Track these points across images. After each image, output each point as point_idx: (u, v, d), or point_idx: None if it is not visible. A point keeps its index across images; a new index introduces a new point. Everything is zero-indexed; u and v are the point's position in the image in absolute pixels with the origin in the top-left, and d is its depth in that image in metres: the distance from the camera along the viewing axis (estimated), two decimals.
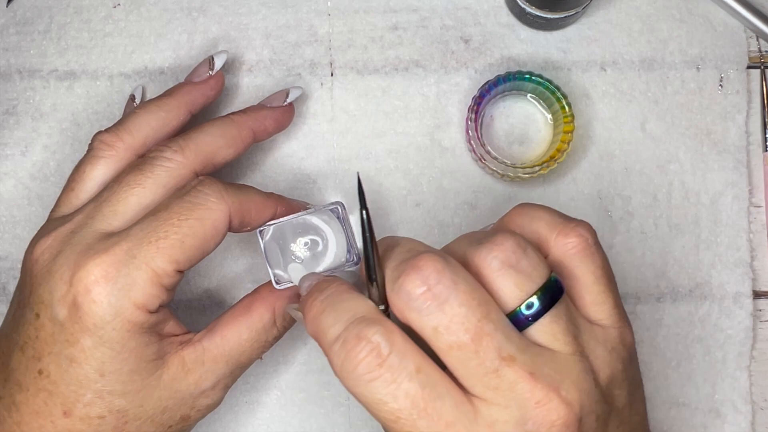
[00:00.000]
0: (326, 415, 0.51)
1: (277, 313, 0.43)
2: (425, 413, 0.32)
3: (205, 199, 0.40)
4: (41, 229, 0.42)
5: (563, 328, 0.34)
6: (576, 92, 0.51)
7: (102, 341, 0.38)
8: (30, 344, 0.39)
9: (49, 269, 0.39)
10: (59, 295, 0.38)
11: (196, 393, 0.41)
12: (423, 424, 0.32)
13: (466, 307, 0.32)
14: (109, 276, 0.38)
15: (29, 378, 0.39)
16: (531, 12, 0.49)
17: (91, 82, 0.52)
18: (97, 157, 0.43)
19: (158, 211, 0.40)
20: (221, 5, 0.52)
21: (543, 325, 0.34)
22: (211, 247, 0.40)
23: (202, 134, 0.43)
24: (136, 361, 0.39)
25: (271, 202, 0.43)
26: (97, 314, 0.38)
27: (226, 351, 0.42)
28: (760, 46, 0.51)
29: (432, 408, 0.32)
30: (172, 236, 0.39)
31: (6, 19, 0.53)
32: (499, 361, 0.32)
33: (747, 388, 0.50)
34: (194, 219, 0.39)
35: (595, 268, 0.36)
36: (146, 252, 0.38)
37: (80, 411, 0.39)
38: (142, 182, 0.41)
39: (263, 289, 0.44)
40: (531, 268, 0.34)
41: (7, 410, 0.39)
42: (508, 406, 0.33)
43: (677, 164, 0.51)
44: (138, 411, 0.40)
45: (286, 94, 0.49)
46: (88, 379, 0.38)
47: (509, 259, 0.34)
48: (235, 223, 0.41)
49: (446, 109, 0.51)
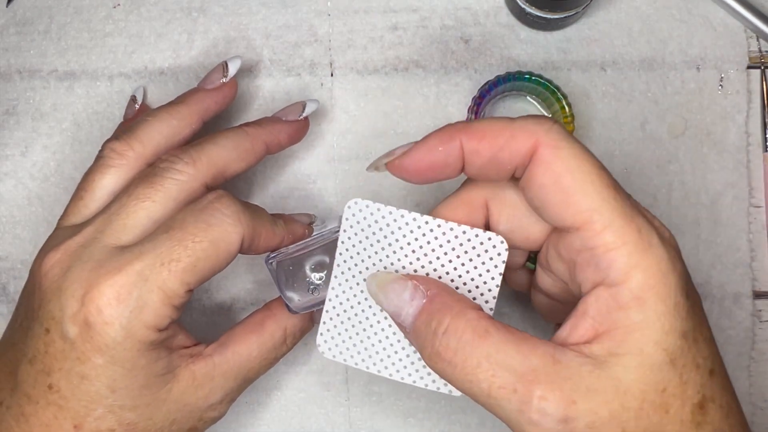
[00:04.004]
0: (326, 415, 0.51)
1: (288, 332, 0.44)
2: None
3: (221, 219, 0.39)
4: (49, 240, 0.42)
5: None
6: (576, 92, 0.51)
7: (113, 360, 0.38)
8: (39, 358, 0.39)
9: (59, 285, 0.39)
10: (70, 312, 0.38)
11: (204, 406, 0.42)
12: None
13: None
14: (121, 297, 0.38)
15: (39, 391, 0.39)
16: (531, 12, 0.49)
17: (91, 82, 0.52)
18: (106, 166, 0.42)
19: (172, 229, 0.39)
20: (221, 5, 0.52)
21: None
22: (223, 267, 0.40)
23: (215, 146, 0.43)
24: (146, 377, 0.39)
25: (279, 231, 0.43)
26: (109, 335, 0.38)
27: (236, 367, 0.42)
28: (760, 46, 0.51)
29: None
30: (185, 259, 0.38)
31: (6, 19, 0.53)
32: None
33: (746, 389, 0.50)
34: (208, 242, 0.39)
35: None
36: (158, 274, 0.38)
37: (91, 425, 0.39)
38: (152, 196, 0.40)
39: (275, 306, 0.44)
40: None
41: (15, 420, 0.39)
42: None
43: (677, 164, 0.51)
44: (147, 424, 0.40)
45: (303, 107, 0.48)
46: (99, 395, 0.38)
47: None
48: (244, 247, 0.41)
49: (446, 109, 0.51)
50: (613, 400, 0.32)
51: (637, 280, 0.33)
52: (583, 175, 0.34)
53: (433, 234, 0.37)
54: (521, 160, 0.35)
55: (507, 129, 0.35)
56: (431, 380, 0.38)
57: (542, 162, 0.34)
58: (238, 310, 0.51)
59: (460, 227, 0.37)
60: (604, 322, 0.33)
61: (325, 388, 0.51)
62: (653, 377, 0.32)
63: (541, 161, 0.34)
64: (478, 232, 0.37)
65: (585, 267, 0.34)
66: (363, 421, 0.51)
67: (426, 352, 0.35)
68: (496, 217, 0.38)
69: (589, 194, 0.34)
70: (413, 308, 0.36)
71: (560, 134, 0.35)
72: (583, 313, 0.34)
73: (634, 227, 0.33)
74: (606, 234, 0.33)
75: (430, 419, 0.51)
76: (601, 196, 0.34)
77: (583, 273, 0.34)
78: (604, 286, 0.33)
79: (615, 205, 0.33)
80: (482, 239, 0.37)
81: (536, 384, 0.32)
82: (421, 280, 0.36)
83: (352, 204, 0.38)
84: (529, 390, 0.32)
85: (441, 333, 0.34)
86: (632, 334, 0.33)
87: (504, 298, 0.51)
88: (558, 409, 0.32)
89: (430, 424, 0.51)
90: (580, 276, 0.35)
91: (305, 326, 0.45)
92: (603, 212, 0.33)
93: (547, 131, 0.35)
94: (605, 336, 0.33)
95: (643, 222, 0.34)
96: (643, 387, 0.32)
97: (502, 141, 0.35)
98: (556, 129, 0.35)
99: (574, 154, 0.34)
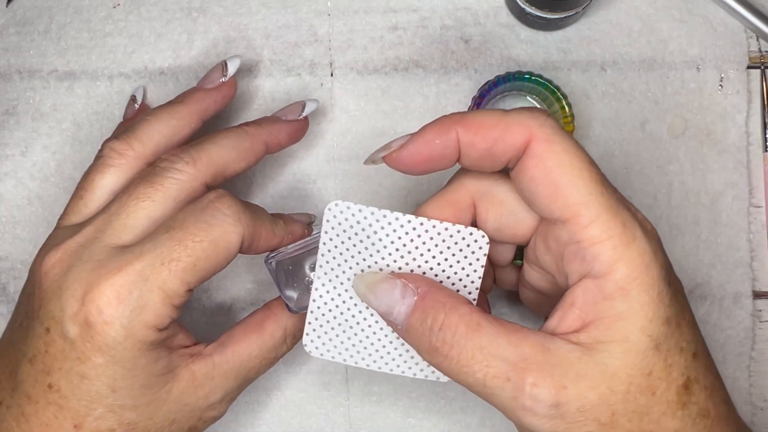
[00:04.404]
0: (326, 415, 0.51)
1: (288, 331, 0.44)
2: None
3: (222, 219, 0.39)
4: (49, 239, 0.42)
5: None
6: (576, 92, 0.51)
7: (114, 360, 0.38)
8: (39, 358, 0.39)
9: (59, 285, 0.39)
10: (71, 312, 0.38)
11: (204, 406, 0.42)
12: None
13: None
14: (121, 297, 0.38)
15: (39, 391, 0.39)
16: (531, 12, 0.49)
17: (91, 82, 0.52)
18: (106, 165, 0.42)
19: (172, 228, 0.39)
20: (221, 5, 0.52)
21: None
22: (223, 267, 0.40)
23: (215, 146, 0.43)
24: (146, 377, 0.39)
25: (279, 231, 0.43)
26: (110, 335, 0.38)
27: (236, 367, 0.42)
28: (760, 46, 0.51)
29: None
30: (185, 259, 0.38)
31: (6, 19, 0.53)
32: None
33: (746, 389, 0.50)
34: (209, 242, 0.39)
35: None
36: (159, 274, 0.38)
37: (91, 424, 0.39)
38: (152, 195, 0.40)
39: (275, 306, 0.44)
40: None
41: (16, 420, 0.39)
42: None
43: (677, 164, 0.51)
44: (147, 423, 0.40)
45: (302, 107, 0.48)
46: (100, 395, 0.38)
47: None
48: (244, 247, 0.41)
49: (446, 109, 0.51)
50: (600, 384, 0.33)
51: (621, 272, 0.34)
52: (573, 170, 0.35)
53: (416, 232, 0.38)
54: (515, 153, 0.36)
55: (501, 121, 0.36)
56: (419, 369, 0.39)
57: (535, 155, 0.35)
58: (238, 310, 0.51)
59: (442, 224, 0.38)
60: (591, 312, 0.34)
61: (325, 388, 0.51)
62: (639, 362, 0.34)
63: (533, 154, 0.35)
64: (460, 228, 0.38)
65: (572, 259, 0.35)
66: (363, 421, 0.51)
67: (423, 348, 0.36)
68: (484, 216, 0.39)
69: (578, 188, 0.35)
70: (405, 306, 0.37)
71: (553, 128, 0.35)
72: (571, 304, 0.35)
73: (619, 221, 0.34)
74: (592, 228, 0.34)
75: (430, 419, 0.51)
76: (588, 191, 0.35)
77: (570, 265, 0.35)
78: (590, 278, 0.35)
79: (602, 199, 0.35)
80: (464, 234, 0.38)
81: (528, 372, 0.34)
82: (410, 278, 0.37)
83: (332, 206, 0.38)
84: (521, 378, 0.34)
85: (437, 329, 0.35)
86: (617, 322, 0.34)
87: (504, 298, 0.51)
88: (549, 395, 0.33)
89: (430, 424, 0.51)
90: (567, 267, 0.36)
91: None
92: (590, 206, 0.34)
93: (540, 125, 0.35)
94: (591, 325, 0.34)
95: (628, 216, 0.35)
96: (629, 371, 0.34)
97: (497, 133, 0.36)
98: (549, 123, 0.36)
99: (566, 148, 0.35)
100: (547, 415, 0.33)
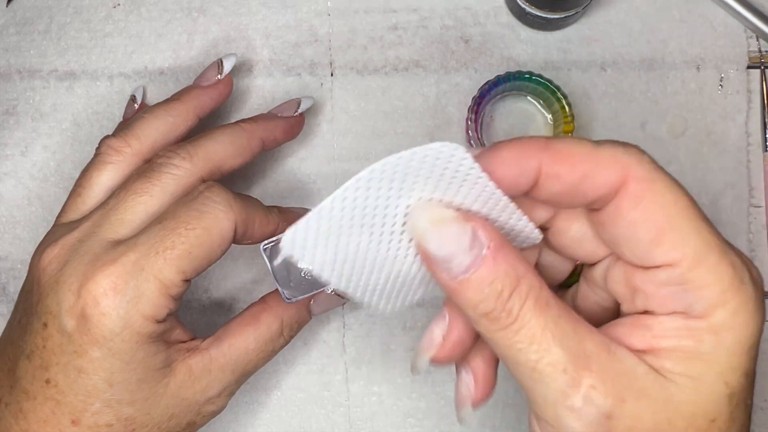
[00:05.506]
0: (326, 415, 0.51)
1: (284, 323, 0.44)
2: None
3: (213, 207, 0.40)
4: (48, 236, 0.42)
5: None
6: (576, 92, 0.51)
7: (111, 352, 0.38)
8: (37, 353, 0.39)
9: (56, 279, 0.39)
10: (67, 305, 0.38)
11: (202, 400, 0.42)
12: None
13: None
14: (117, 288, 0.38)
15: (36, 387, 0.39)
16: (531, 12, 0.49)
17: (91, 82, 0.52)
18: (104, 162, 0.43)
19: (165, 219, 0.39)
20: (221, 5, 0.52)
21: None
22: (218, 256, 0.40)
23: (211, 142, 0.43)
24: (144, 371, 0.39)
25: (273, 218, 0.43)
26: (106, 326, 0.38)
27: (233, 360, 0.42)
28: (760, 46, 0.51)
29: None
30: (179, 246, 0.38)
31: (6, 19, 0.53)
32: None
33: None
34: (201, 228, 0.39)
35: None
36: (154, 263, 0.38)
37: (88, 420, 0.39)
38: (149, 190, 0.40)
39: (271, 299, 0.44)
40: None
41: (14, 417, 0.39)
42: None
43: (677, 164, 0.51)
44: (145, 418, 0.40)
45: (298, 104, 0.48)
46: (97, 389, 0.38)
47: None
48: (239, 234, 0.41)
49: (446, 109, 0.51)
50: (661, 411, 0.30)
51: (720, 317, 0.31)
52: (678, 211, 0.31)
53: (484, 191, 0.31)
54: (606, 192, 0.31)
55: (594, 155, 0.31)
56: (397, 304, 0.34)
57: (634, 197, 0.31)
58: (237, 309, 0.51)
59: (512, 204, 0.32)
60: (667, 343, 0.31)
61: (325, 388, 0.51)
62: (707, 405, 0.31)
63: (632, 196, 0.31)
64: (522, 218, 0.33)
65: (666, 297, 0.32)
66: (363, 421, 0.51)
67: (478, 310, 0.31)
68: (565, 225, 0.35)
69: (683, 231, 0.31)
70: (469, 258, 0.30)
71: (651, 165, 0.31)
72: (645, 326, 0.32)
73: (728, 262, 0.31)
74: (700, 270, 0.31)
75: (430, 419, 0.51)
76: (696, 232, 0.31)
77: (657, 301, 0.32)
78: (682, 315, 0.31)
79: (709, 239, 0.31)
80: (523, 224, 0.33)
81: (588, 371, 0.30)
82: (483, 226, 0.31)
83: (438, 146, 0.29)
84: (579, 374, 0.30)
85: (507, 296, 0.30)
86: (696, 360, 0.31)
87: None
88: (606, 403, 0.30)
89: (430, 424, 0.51)
90: (653, 303, 0.32)
91: (302, 318, 0.45)
92: (698, 248, 0.31)
93: (638, 162, 0.31)
94: (664, 353, 0.31)
95: (736, 257, 0.32)
96: (694, 410, 0.31)
97: (587, 168, 0.31)
98: (647, 160, 0.32)
99: (668, 187, 0.31)
100: (593, 423, 0.30)
